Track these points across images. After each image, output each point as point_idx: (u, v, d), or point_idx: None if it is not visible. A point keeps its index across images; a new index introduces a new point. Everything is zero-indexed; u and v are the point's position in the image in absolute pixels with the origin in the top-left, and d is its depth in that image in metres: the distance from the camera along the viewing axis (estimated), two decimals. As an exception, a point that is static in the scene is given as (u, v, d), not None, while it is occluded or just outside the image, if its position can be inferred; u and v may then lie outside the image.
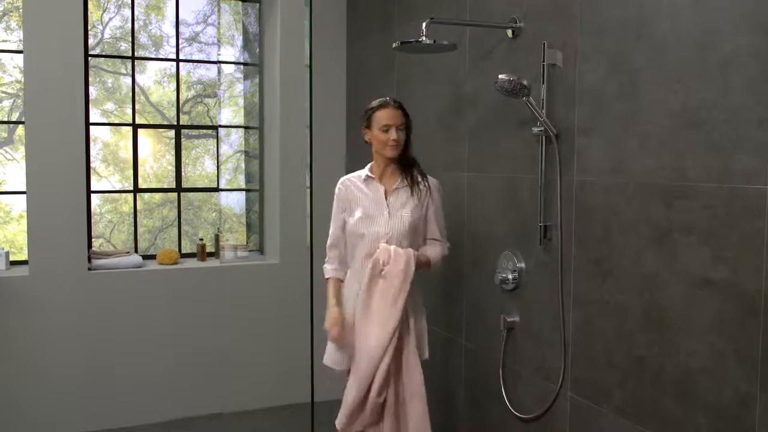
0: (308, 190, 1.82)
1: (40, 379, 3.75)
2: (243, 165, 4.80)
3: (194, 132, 5.21)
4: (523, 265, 2.69)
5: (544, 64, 2.46)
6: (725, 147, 1.85)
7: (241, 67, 4.64)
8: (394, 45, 2.56)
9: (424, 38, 2.48)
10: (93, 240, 4.12)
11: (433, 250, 2.69)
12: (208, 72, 5.09)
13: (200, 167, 5.30)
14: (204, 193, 4.97)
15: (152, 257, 4.27)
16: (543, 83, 2.47)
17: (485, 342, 2.95)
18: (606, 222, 2.27)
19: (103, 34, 4.74)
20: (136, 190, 4.29)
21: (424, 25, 2.50)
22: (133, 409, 3.96)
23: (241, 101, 4.72)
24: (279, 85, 4.15)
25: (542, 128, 2.46)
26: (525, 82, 2.35)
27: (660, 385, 2.08)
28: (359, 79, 4.19)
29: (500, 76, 2.35)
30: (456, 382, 3.17)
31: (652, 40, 2.07)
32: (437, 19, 2.57)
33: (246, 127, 4.62)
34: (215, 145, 4.69)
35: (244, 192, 4.71)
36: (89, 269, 3.87)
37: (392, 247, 2.58)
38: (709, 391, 1.92)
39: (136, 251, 4.26)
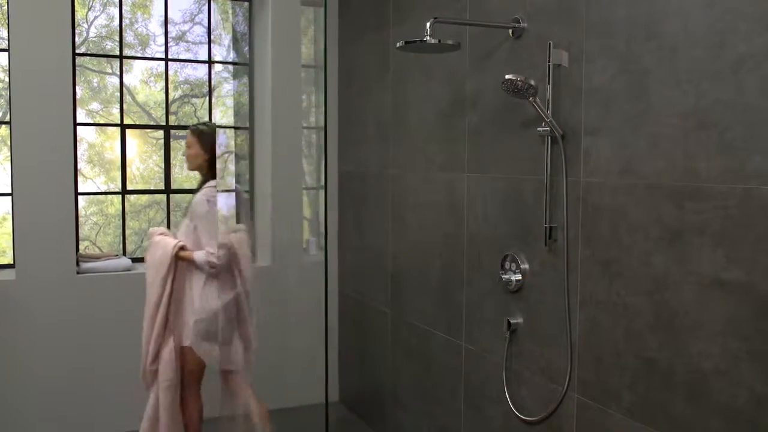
0: (323, 191, 1.79)
1: (28, 386, 3.66)
2: (231, 166, 4.73)
3: (181, 132, 5.13)
4: (526, 266, 2.67)
5: (549, 65, 2.45)
6: (739, 148, 1.85)
7: (229, 66, 4.58)
8: (398, 45, 2.52)
9: (428, 38, 2.45)
10: (78, 242, 4.03)
11: (197, 253, 3.14)
12: (195, 72, 5.01)
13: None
14: (191, 195, 4.89)
15: (141, 260, 4.19)
16: (548, 83, 2.46)
17: (487, 344, 2.93)
18: (614, 223, 2.26)
19: (88, 32, 4.64)
20: (125, 191, 4.21)
21: (428, 24, 2.48)
22: (123, 415, 3.89)
23: (228, 101, 4.65)
24: (271, 85, 4.10)
25: (548, 129, 2.45)
26: (532, 82, 2.33)
27: (671, 387, 2.07)
28: (352, 80, 4.15)
29: (507, 76, 2.33)
30: (456, 384, 3.15)
31: (662, 40, 2.07)
32: (441, 18, 2.54)
33: (237, 128, 4.56)
34: (203, 146, 4.61)
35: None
36: (78, 273, 3.79)
37: (158, 238, 3.20)
38: (723, 392, 1.91)
39: (124, 254, 4.19)
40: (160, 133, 4.44)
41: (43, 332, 3.68)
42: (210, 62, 4.45)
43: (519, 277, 2.70)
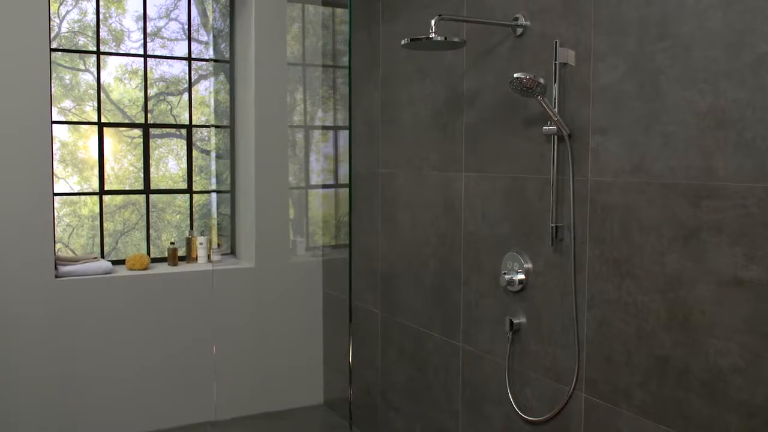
0: (348, 189, 1.74)
1: (8, 395, 3.51)
2: (212, 165, 4.63)
3: (157, 131, 4.98)
4: (530, 266, 2.66)
5: (556, 63, 2.43)
6: (759, 146, 1.86)
7: (208, 63, 4.47)
8: (402, 42, 2.48)
9: (434, 35, 2.42)
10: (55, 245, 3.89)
11: None
12: (171, 69, 4.88)
13: (163, 168, 5.07)
14: (167, 195, 4.77)
15: (120, 262, 4.07)
16: (555, 82, 2.45)
17: (487, 344, 2.91)
18: (624, 222, 2.26)
19: (60, 27, 4.48)
20: (102, 192, 4.08)
21: (433, 21, 2.44)
22: (106, 423, 3.76)
23: (208, 99, 4.54)
24: (254, 83, 4.02)
25: (554, 127, 2.43)
26: (541, 80, 2.31)
27: (686, 385, 2.08)
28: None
29: (516, 75, 2.31)
30: (453, 386, 3.12)
31: (677, 39, 2.07)
32: (446, 15, 2.51)
33: (218, 126, 4.46)
34: (178, 145, 4.50)
35: (214, 193, 4.54)
36: (56, 276, 3.65)
37: None
38: (742, 390, 1.92)
39: (102, 256, 4.06)
40: (135, 132, 4.30)
41: (21, 340, 3.54)
42: (189, 59, 4.34)
43: (522, 276, 2.68)
